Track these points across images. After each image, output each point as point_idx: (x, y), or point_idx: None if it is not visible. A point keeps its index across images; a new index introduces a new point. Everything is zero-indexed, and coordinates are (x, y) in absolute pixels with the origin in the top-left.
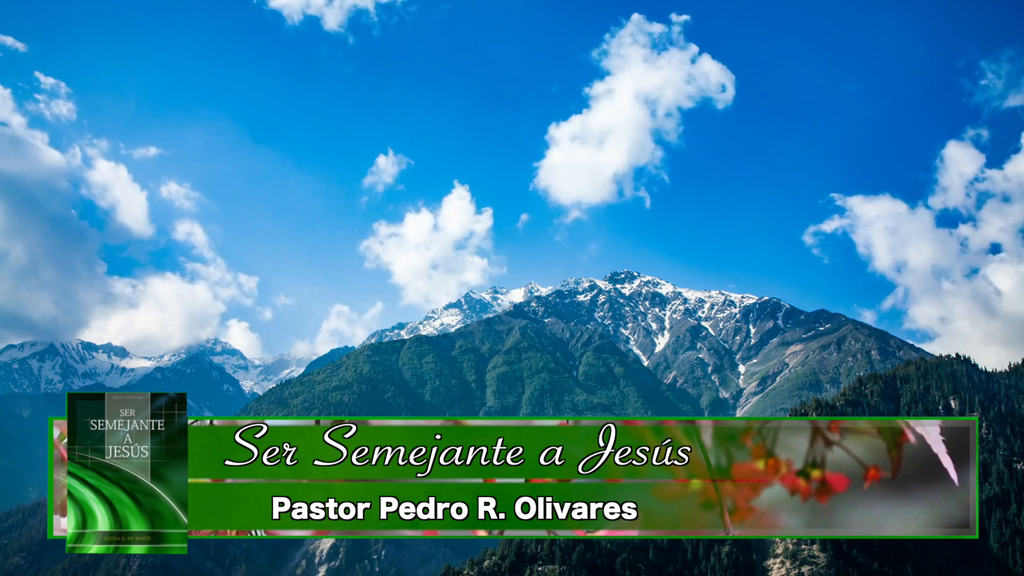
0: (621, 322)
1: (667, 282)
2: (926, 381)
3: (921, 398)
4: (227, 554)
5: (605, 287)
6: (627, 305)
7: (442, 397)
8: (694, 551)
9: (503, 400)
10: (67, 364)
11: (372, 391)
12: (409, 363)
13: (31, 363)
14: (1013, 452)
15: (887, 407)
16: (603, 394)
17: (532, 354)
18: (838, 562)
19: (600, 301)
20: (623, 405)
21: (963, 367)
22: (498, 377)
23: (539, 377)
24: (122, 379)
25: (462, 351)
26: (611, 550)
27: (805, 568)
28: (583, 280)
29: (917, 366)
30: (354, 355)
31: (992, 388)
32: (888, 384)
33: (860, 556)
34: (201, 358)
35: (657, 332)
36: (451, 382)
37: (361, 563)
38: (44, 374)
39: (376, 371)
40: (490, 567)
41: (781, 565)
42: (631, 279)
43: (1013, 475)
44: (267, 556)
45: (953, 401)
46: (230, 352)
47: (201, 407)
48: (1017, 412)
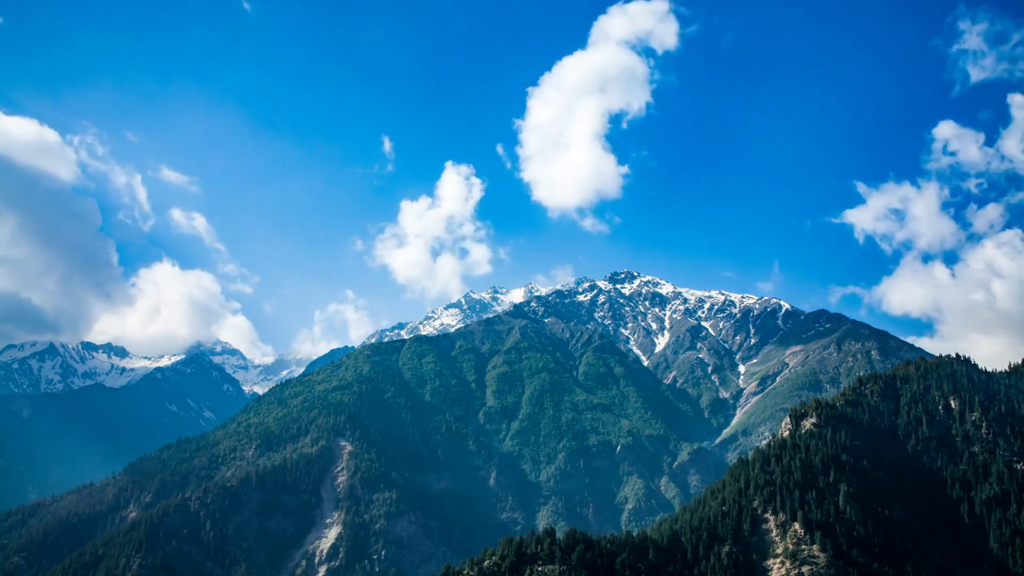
0: (621, 322)
1: (667, 282)
2: (926, 381)
3: (921, 398)
4: (227, 554)
5: (605, 287)
6: (627, 305)
7: (442, 397)
8: (694, 551)
9: (503, 400)
10: (67, 364)
11: (372, 391)
12: (409, 363)
13: (31, 363)
14: (1013, 452)
15: (887, 407)
16: (603, 394)
17: (532, 354)
18: (838, 562)
19: (600, 301)
20: (623, 405)
21: (963, 367)
22: (498, 377)
23: (539, 377)
24: (122, 379)
25: (462, 351)
26: (611, 550)
27: (805, 568)
28: (583, 280)
29: (917, 366)
30: (354, 355)
31: (992, 388)
32: (888, 384)
33: (860, 556)
34: (201, 358)
35: (657, 332)
36: (451, 382)
37: (361, 563)
38: (44, 374)
39: (376, 371)
40: (490, 567)
41: (781, 565)
42: (631, 279)
43: (1013, 475)
44: (267, 556)
45: (953, 401)
46: (230, 352)
47: (201, 407)
48: (1017, 412)
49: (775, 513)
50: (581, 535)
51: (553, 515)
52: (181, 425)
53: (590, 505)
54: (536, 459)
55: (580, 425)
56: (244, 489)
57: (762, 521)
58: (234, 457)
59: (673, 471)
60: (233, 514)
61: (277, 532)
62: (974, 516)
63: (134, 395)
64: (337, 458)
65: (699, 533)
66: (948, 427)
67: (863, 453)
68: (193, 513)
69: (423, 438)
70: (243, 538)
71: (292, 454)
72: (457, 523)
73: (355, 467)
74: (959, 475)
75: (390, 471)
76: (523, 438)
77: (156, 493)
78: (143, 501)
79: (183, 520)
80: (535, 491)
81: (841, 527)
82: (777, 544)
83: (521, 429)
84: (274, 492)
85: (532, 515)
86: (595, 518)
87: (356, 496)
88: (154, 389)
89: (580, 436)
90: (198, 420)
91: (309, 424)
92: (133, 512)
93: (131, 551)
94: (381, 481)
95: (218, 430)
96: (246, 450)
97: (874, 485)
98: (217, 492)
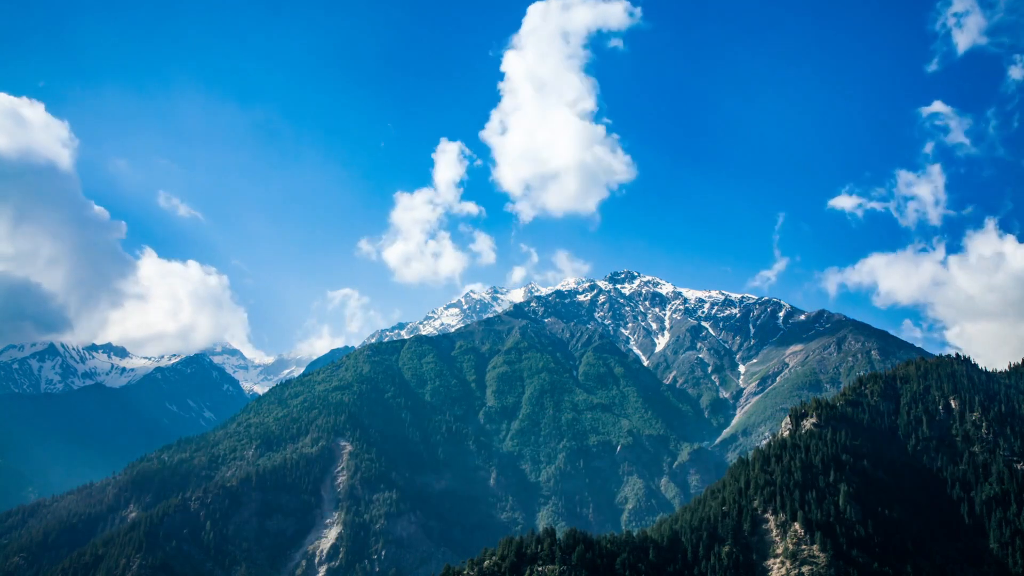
0: (621, 322)
1: (667, 282)
2: (926, 381)
3: (921, 398)
4: (227, 554)
5: (605, 287)
6: (627, 305)
7: (442, 397)
8: (694, 551)
9: (503, 400)
10: (67, 364)
11: (372, 391)
12: (409, 363)
13: (31, 363)
14: (1013, 452)
15: (887, 407)
16: (603, 394)
17: (532, 354)
18: (838, 562)
19: (600, 301)
20: (623, 405)
21: (963, 367)
22: (498, 377)
23: (539, 377)
24: (122, 379)
25: (462, 351)
26: (611, 550)
27: (805, 568)
28: (583, 280)
29: (917, 366)
30: (354, 355)
31: (992, 388)
32: (888, 384)
33: (860, 556)
34: (201, 358)
35: (657, 332)
36: (451, 382)
37: (361, 563)
38: (44, 374)
39: (376, 371)
40: (490, 567)
41: (781, 565)
42: (631, 279)
43: (1013, 475)
44: (267, 556)
45: (953, 401)
46: (230, 352)
47: (201, 407)
48: (1017, 412)
49: (775, 513)
50: (581, 535)
51: (553, 515)
52: (181, 425)
53: (590, 505)
54: (536, 459)
55: (580, 425)
56: (244, 489)
57: (762, 521)
58: (234, 457)
59: (673, 471)
60: (233, 514)
61: (277, 532)
62: (974, 516)
63: (134, 395)
64: (337, 458)
65: (699, 533)
66: (948, 427)
67: (863, 453)
68: (193, 513)
69: (423, 438)
70: (243, 538)
71: (292, 454)
72: (457, 523)
73: (355, 467)
74: (959, 475)
75: (390, 471)
76: (523, 438)
77: (156, 493)
78: (143, 501)
79: (183, 520)
80: (535, 491)
81: (841, 527)
82: (777, 544)
83: (521, 429)
84: (274, 492)
85: (532, 515)
86: (595, 518)
87: (356, 496)
88: (154, 389)
89: (580, 436)
90: (198, 420)
91: (309, 424)
92: (133, 512)
93: (131, 551)
94: (381, 481)
95: (218, 430)
96: (246, 450)
97: (874, 485)
98: (217, 492)
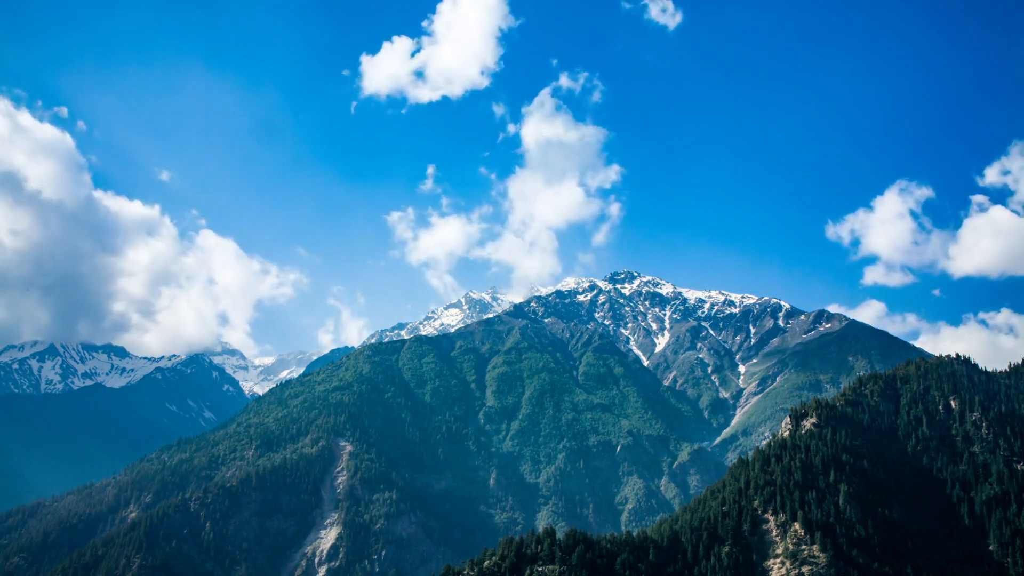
0: (621, 322)
1: (667, 282)
2: (926, 381)
3: (921, 398)
4: (227, 554)
5: (605, 287)
6: (627, 305)
7: (442, 397)
8: (694, 551)
9: (503, 400)
10: (67, 364)
11: (372, 391)
12: (409, 363)
13: (31, 363)
14: (1013, 452)
15: (887, 407)
16: (603, 394)
17: (532, 354)
18: (838, 562)
19: (600, 301)
20: (623, 405)
21: (963, 367)
22: (498, 377)
23: (539, 377)
24: (122, 379)
25: (462, 351)
26: (611, 550)
27: (805, 568)
28: (583, 280)
29: (917, 366)
30: (354, 355)
31: (992, 388)
32: (888, 384)
33: (860, 556)
34: (201, 358)
35: (657, 332)
36: (451, 382)
37: (361, 563)
38: (44, 374)
39: (376, 371)
40: (490, 567)
41: (781, 565)
42: (631, 279)
43: (1013, 475)
44: (267, 556)
45: (953, 401)
46: (230, 352)
47: (201, 407)
48: (1017, 412)
49: (775, 513)
50: (581, 535)
51: (553, 515)
52: (181, 425)
53: (590, 505)
54: (536, 459)
55: (580, 425)
56: (244, 489)
57: (762, 521)
58: (234, 457)
59: (673, 471)
60: (233, 514)
61: (277, 532)
62: (974, 516)
63: (134, 395)
64: (337, 458)
65: (699, 533)
66: (948, 427)
67: (863, 453)
68: (193, 513)
69: (423, 438)
70: (243, 538)
71: (292, 454)
72: (457, 523)
73: (355, 467)
74: (959, 475)
75: (390, 471)
76: (523, 438)
77: (156, 493)
78: (143, 501)
79: (183, 520)
80: (535, 491)
81: (841, 527)
82: (777, 544)
83: (521, 429)
84: (274, 492)
85: (532, 515)
86: (595, 518)
87: (356, 496)
88: (154, 389)
89: (580, 436)
90: (198, 420)
91: (309, 424)
92: (133, 512)
93: (131, 551)
94: (381, 481)
95: (218, 430)
96: (246, 450)
97: (874, 485)
98: (217, 492)
